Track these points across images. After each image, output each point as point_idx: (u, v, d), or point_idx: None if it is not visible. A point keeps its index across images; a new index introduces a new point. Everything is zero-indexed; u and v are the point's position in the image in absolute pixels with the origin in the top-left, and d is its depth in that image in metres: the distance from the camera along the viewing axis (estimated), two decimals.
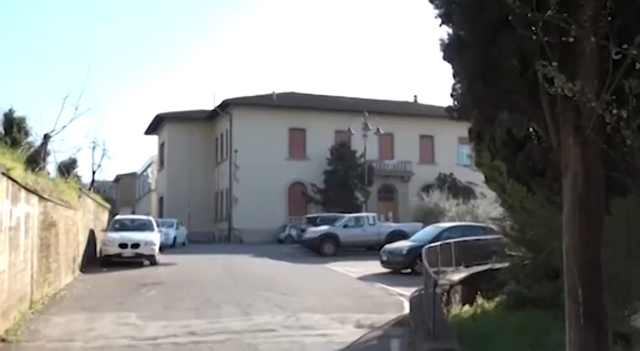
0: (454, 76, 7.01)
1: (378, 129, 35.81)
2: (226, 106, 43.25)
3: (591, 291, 5.62)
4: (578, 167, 5.71)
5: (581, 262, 5.68)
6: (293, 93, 47.92)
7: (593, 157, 5.70)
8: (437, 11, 6.59)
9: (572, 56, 5.52)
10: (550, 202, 8.17)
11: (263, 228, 39.45)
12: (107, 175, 67.53)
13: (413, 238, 22.14)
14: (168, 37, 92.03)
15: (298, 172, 42.23)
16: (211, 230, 44.82)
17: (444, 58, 6.79)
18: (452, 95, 7.20)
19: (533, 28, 5.25)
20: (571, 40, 5.02)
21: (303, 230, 31.68)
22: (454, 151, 45.87)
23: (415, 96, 53.34)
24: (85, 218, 19.93)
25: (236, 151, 41.84)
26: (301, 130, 43.54)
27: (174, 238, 32.90)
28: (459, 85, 6.97)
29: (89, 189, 28.55)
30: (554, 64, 4.93)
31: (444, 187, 37.68)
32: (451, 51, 6.65)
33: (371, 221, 28.79)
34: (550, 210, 9.16)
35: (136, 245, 21.27)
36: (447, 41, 6.80)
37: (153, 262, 21.48)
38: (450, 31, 6.75)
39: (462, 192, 38.27)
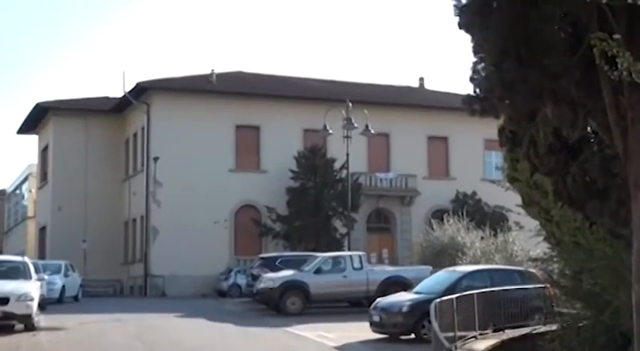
0: (475, 51, 7.06)
1: (367, 127, 35.93)
2: (142, 92, 43.06)
3: None
4: None
5: None
6: (241, 73, 47.91)
7: None
8: None
9: None
10: (615, 236, 8.31)
11: (196, 274, 39.20)
12: None
13: (418, 288, 22.18)
14: (58, 3, 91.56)
15: (249, 190, 42.15)
16: (119, 277, 44.40)
17: (461, 26, 6.86)
18: (472, 79, 7.28)
19: None
20: None
21: (255, 277, 31.47)
22: (478, 160, 46.31)
23: (421, 79, 53.79)
24: None
25: (156, 158, 41.59)
26: (253, 128, 43.53)
27: (62, 288, 32.50)
28: (482, 65, 7.05)
29: None
30: (617, 36, 5.00)
31: (464, 213, 37.89)
32: (471, 15, 6.73)
33: (356, 264, 28.78)
34: (616, 247, 9.30)
35: (3, 301, 20.93)
36: (464, 1, 6.88)
37: (29, 325, 21.13)
38: None
39: (489, 220, 38.51)
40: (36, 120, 50.11)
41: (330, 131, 35.95)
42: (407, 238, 44.08)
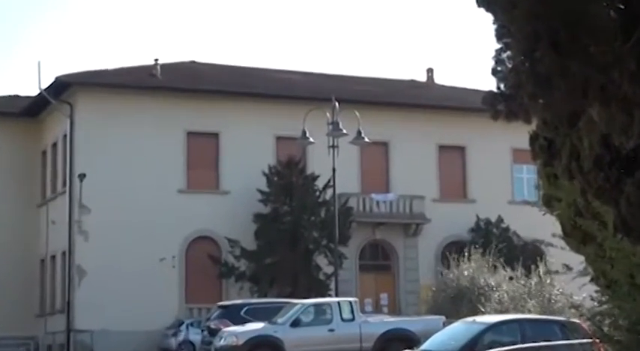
0: (498, 35, 7.11)
1: (359, 133, 36.03)
2: (63, 88, 43.06)
3: None
4: None
5: None
6: (194, 63, 48.03)
7: None
8: None
9: None
10: None
11: (135, 328, 39.06)
12: None
13: (427, 344, 22.23)
14: None
15: (204, 217, 42.22)
16: (33, 333, 44.07)
17: (480, 3, 6.90)
18: (495, 72, 7.31)
19: None
20: None
21: (213, 332, 31.50)
22: (505, 177, 46.51)
23: (429, 71, 54.02)
24: None
25: (82, 176, 41.45)
26: (210, 136, 43.67)
27: None
28: (507, 54, 7.09)
29: None
30: None
31: (488, 246, 37.99)
32: None
33: (346, 313, 28.86)
34: None
35: None
36: None
37: None
38: None
39: (522, 255, 38.58)
40: None
41: (311, 139, 36.02)
42: (412, 278, 44.14)
